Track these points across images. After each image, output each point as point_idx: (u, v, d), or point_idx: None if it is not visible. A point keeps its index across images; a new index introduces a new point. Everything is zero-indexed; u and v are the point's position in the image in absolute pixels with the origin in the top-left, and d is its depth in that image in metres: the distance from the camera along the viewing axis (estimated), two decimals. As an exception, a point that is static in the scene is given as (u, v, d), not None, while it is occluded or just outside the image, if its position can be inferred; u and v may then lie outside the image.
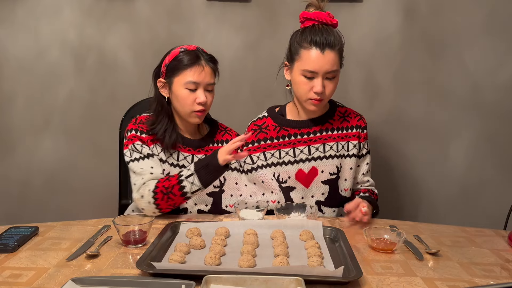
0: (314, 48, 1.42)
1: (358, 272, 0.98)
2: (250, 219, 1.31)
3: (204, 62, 1.45)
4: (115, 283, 0.92)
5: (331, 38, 1.42)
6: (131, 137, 1.47)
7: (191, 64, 1.43)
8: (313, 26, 1.45)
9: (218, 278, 0.91)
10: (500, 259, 1.14)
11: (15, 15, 2.08)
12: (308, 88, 1.45)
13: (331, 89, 1.47)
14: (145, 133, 1.48)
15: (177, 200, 1.38)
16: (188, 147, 1.53)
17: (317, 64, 1.42)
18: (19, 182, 2.20)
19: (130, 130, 1.48)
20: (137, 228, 1.18)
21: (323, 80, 1.44)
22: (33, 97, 2.14)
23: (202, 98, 1.44)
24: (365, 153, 1.60)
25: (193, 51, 1.46)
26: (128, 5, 2.07)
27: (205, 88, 1.46)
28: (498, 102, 2.09)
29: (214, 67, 1.48)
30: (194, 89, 1.44)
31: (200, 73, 1.43)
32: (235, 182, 1.57)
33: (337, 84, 1.48)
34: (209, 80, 1.45)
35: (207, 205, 1.53)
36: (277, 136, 1.57)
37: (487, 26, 2.04)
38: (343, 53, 1.48)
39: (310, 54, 1.43)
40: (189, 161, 1.51)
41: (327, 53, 1.42)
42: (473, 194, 2.17)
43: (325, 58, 1.42)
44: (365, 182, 1.62)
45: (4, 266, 1.04)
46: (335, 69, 1.44)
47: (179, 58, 1.44)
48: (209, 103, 1.48)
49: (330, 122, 1.57)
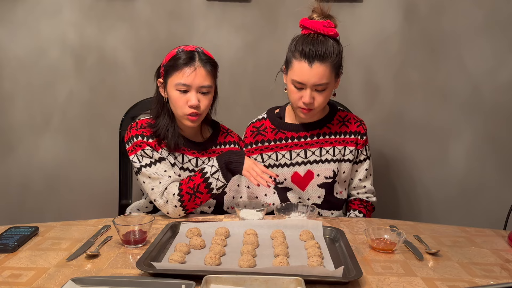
0: (303, 60, 1.40)
1: (358, 272, 0.98)
2: (250, 219, 1.31)
3: (198, 63, 1.39)
4: (115, 283, 0.92)
5: (322, 50, 1.39)
6: (138, 143, 1.43)
7: (183, 65, 1.39)
8: (308, 35, 1.43)
9: (218, 278, 0.91)
10: (500, 259, 1.14)
11: (15, 15, 2.08)
12: (298, 97, 1.45)
13: (321, 101, 1.45)
14: (150, 137, 1.44)
15: (203, 198, 1.38)
16: (192, 150, 1.51)
17: (305, 77, 1.40)
18: (19, 182, 2.20)
19: (135, 136, 1.44)
20: (137, 228, 1.17)
21: (312, 92, 1.42)
22: (33, 97, 2.14)
23: (193, 101, 1.39)
24: (363, 159, 1.59)
25: (190, 51, 1.42)
26: (128, 5, 2.07)
27: (199, 91, 1.41)
28: (498, 102, 2.09)
29: (211, 69, 1.42)
30: (185, 91, 1.40)
31: (190, 75, 1.38)
32: (237, 184, 1.57)
33: (329, 95, 1.46)
34: (202, 83, 1.40)
35: (210, 207, 1.53)
36: (274, 138, 1.57)
37: (487, 26, 2.04)
38: (339, 64, 1.44)
39: (299, 65, 1.41)
40: (194, 164, 1.50)
41: (316, 66, 1.39)
42: (473, 194, 2.17)
43: (313, 71, 1.39)
44: (362, 188, 1.61)
45: (4, 266, 1.04)
46: (324, 82, 1.41)
47: (174, 58, 1.41)
48: (203, 107, 1.42)
49: (329, 126, 1.57)
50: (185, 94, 1.40)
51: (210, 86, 1.42)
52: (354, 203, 1.62)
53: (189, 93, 1.40)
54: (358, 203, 1.60)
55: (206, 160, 1.52)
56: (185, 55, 1.40)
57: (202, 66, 1.40)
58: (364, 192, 1.62)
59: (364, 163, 1.60)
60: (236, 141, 1.59)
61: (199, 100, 1.41)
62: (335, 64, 1.43)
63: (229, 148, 1.57)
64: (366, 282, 0.98)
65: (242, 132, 1.65)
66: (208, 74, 1.41)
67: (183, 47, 1.45)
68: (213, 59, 1.45)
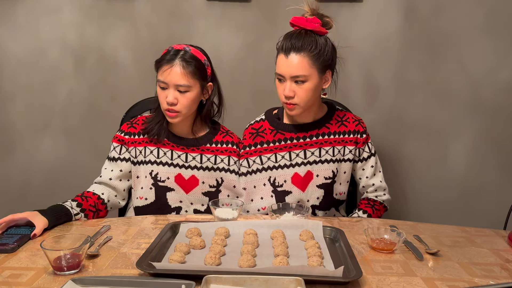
0: (281, 53, 1.44)
1: (358, 272, 0.98)
2: (225, 218, 1.31)
3: (177, 62, 1.41)
4: (115, 283, 0.92)
5: (299, 42, 1.41)
6: (116, 136, 1.56)
7: (164, 62, 1.43)
8: (290, 32, 1.46)
9: (218, 278, 0.91)
10: (500, 259, 1.14)
11: (15, 15, 2.08)
12: (281, 91, 1.46)
13: (303, 95, 1.43)
14: (136, 134, 1.53)
15: None
16: (181, 145, 1.54)
17: (282, 68, 1.44)
18: (19, 182, 2.20)
19: (120, 131, 1.56)
20: (69, 252, 1.01)
21: (292, 84, 1.43)
22: (33, 97, 2.14)
23: (169, 98, 1.43)
24: (367, 156, 1.59)
25: (176, 50, 1.45)
26: (128, 5, 2.07)
27: (176, 89, 1.43)
28: (498, 102, 2.09)
29: (192, 70, 1.42)
30: (163, 87, 1.44)
31: (166, 72, 1.42)
32: (233, 185, 1.57)
33: (311, 89, 1.43)
34: (177, 81, 1.41)
35: (203, 205, 1.54)
36: (273, 140, 1.56)
37: (487, 26, 2.04)
38: (324, 59, 1.43)
39: (279, 59, 1.46)
40: (183, 159, 1.53)
41: (291, 56, 1.41)
42: (473, 194, 2.17)
43: (288, 62, 1.42)
44: (370, 186, 1.61)
45: (4, 266, 1.04)
46: (302, 74, 1.41)
47: (162, 55, 1.46)
48: (180, 106, 1.44)
49: (327, 126, 1.56)
50: (164, 90, 1.45)
51: (187, 85, 1.43)
52: (362, 202, 1.61)
53: (167, 90, 1.45)
54: (365, 203, 1.59)
55: (197, 157, 1.53)
56: (169, 53, 1.45)
57: (181, 65, 1.42)
58: (374, 190, 1.61)
59: (369, 161, 1.59)
60: (235, 141, 1.60)
61: (176, 98, 1.44)
62: (315, 57, 1.41)
63: (226, 147, 1.57)
64: (366, 282, 0.98)
65: (240, 132, 1.65)
66: (186, 74, 1.42)
67: (175, 45, 1.48)
68: (199, 60, 1.45)
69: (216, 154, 1.56)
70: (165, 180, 1.51)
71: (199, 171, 1.53)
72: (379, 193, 1.62)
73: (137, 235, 1.25)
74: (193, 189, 1.53)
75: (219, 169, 1.55)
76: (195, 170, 1.53)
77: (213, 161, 1.55)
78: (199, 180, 1.53)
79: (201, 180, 1.53)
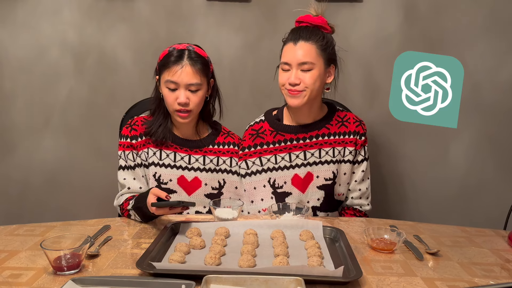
0: (290, 42, 1.47)
1: (358, 272, 0.98)
2: (225, 218, 1.31)
3: (186, 61, 1.42)
4: (115, 283, 0.92)
5: (308, 33, 1.45)
6: (122, 143, 1.53)
7: (172, 63, 1.43)
8: (301, 26, 1.49)
9: (218, 278, 0.91)
10: (500, 259, 1.14)
11: (16, 15, 2.07)
12: (285, 79, 1.47)
13: (308, 81, 1.44)
14: (138, 136, 1.51)
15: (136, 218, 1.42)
16: (185, 147, 1.53)
17: (290, 55, 1.46)
18: (19, 182, 2.20)
19: (123, 137, 1.52)
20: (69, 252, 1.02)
21: (298, 71, 1.45)
22: (33, 97, 2.14)
23: (181, 98, 1.42)
24: (360, 160, 1.57)
25: (180, 50, 1.45)
26: (128, 5, 2.06)
27: (187, 88, 1.43)
28: (498, 102, 2.09)
29: (201, 67, 1.44)
30: (174, 89, 1.44)
31: (177, 73, 1.42)
32: (235, 186, 1.57)
33: (316, 78, 1.45)
34: (189, 81, 1.42)
35: (205, 207, 1.54)
36: (273, 141, 1.56)
37: (487, 26, 2.03)
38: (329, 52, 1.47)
39: (286, 48, 1.48)
40: (186, 161, 1.52)
41: (300, 44, 1.45)
42: (473, 194, 2.17)
43: (297, 48, 1.45)
44: (356, 191, 1.58)
45: (4, 266, 1.04)
46: (309, 61, 1.44)
47: (165, 56, 1.46)
48: (192, 104, 1.45)
49: (328, 127, 1.56)
50: (174, 91, 1.44)
51: (198, 83, 1.44)
52: (347, 212, 1.59)
53: (177, 90, 1.44)
54: (351, 213, 1.58)
55: (200, 158, 1.53)
56: (175, 54, 1.44)
57: (190, 64, 1.43)
58: (358, 197, 1.58)
59: (361, 165, 1.58)
60: (236, 142, 1.60)
61: (188, 97, 1.44)
62: (323, 47, 1.46)
63: (227, 148, 1.57)
64: (366, 282, 0.98)
65: (240, 132, 1.65)
66: (196, 72, 1.43)
67: (175, 45, 1.48)
68: (204, 58, 1.47)
69: (218, 155, 1.56)
70: (168, 182, 1.51)
71: (202, 173, 1.53)
72: (363, 201, 1.60)
73: (137, 235, 1.25)
74: (196, 191, 1.53)
75: (221, 171, 1.55)
76: (198, 171, 1.53)
77: (215, 163, 1.55)
78: (202, 182, 1.53)
79: (203, 182, 1.53)
